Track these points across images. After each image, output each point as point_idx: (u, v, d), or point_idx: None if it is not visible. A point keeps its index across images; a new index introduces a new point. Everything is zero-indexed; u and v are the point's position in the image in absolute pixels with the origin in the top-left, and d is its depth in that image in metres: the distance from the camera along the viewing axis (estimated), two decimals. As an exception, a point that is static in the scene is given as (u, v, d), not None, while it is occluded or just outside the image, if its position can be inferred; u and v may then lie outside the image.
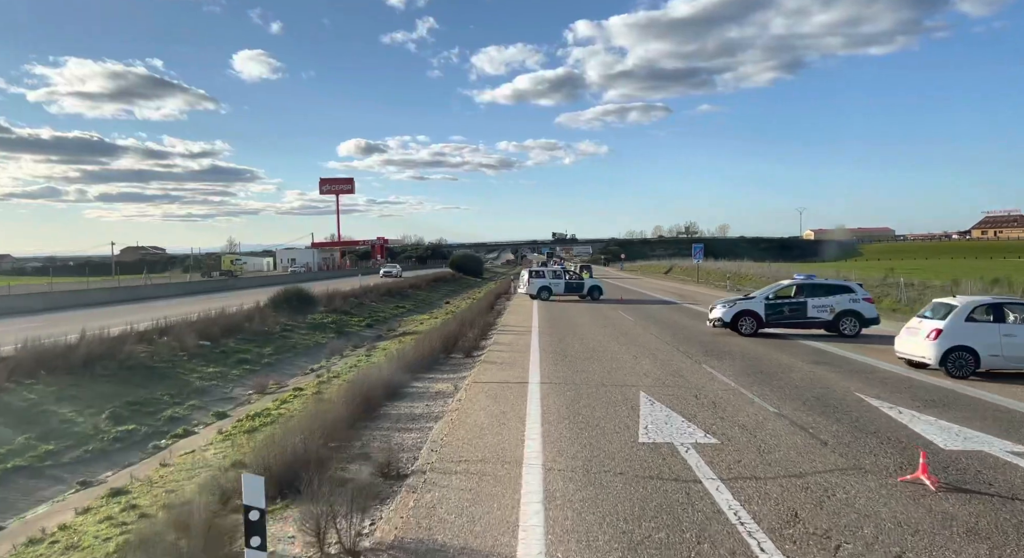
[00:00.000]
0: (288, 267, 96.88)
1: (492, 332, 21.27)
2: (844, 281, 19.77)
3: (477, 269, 79.40)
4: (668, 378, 12.41)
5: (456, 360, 15.98)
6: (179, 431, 11.92)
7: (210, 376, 16.55)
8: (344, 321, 28.59)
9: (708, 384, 11.79)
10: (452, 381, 13.17)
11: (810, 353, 15.57)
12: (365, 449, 8.51)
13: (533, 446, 8.06)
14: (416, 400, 11.54)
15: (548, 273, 35.18)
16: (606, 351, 16.10)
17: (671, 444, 8.02)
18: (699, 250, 54.53)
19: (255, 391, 15.47)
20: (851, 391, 11.07)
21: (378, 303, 37.70)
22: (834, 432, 8.53)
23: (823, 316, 18.10)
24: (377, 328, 28.56)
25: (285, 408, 12.38)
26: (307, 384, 15.37)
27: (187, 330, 19.89)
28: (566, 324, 22.63)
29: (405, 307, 38.50)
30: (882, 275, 39.55)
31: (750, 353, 15.54)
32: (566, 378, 12.53)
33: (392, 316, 33.92)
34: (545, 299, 34.04)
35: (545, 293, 34.25)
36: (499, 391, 11.50)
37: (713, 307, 19.39)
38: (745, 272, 59.67)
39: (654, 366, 13.76)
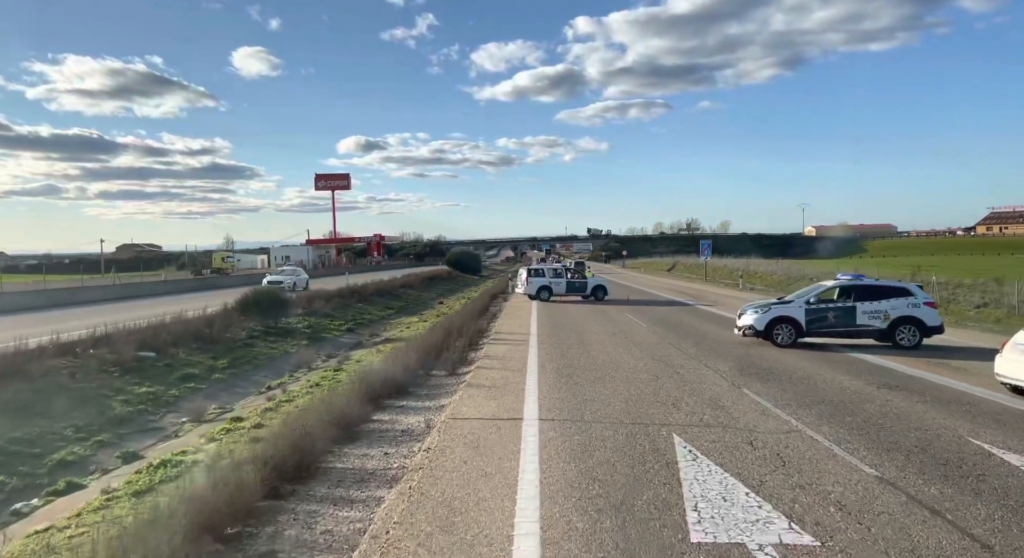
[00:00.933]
0: (281, 265, 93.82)
1: (484, 341, 18.30)
2: (900, 282, 16.76)
3: (475, 266, 76.33)
4: (705, 411, 9.43)
5: (437, 380, 13.01)
6: (60, 485, 8.94)
7: (140, 399, 13.56)
8: (322, 325, 25.60)
9: (760, 422, 8.82)
10: (426, 412, 10.21)
11: (872, 372, 12.58)
12: (273, 544, 5.56)
13: (527, 549, 5.10)
14: (374, 444, 8.58)
15: (548, 271, 32.18)
16: (619, 368, 13.12)
17: (744, 548, 5.05)
18: (707, 247, 51.54)
19: (190, 419, 12.50)
20: (962, 436, 8.09)
21: (365, 304, 34.72)
22: (984, 518, 5.57)
23: (875, 324, 15.13)
24: (358, 333, 25.57)
25: (207, 450, 9.42)
26: (252, 411, 12.40)
27: (128, 339, 16.92)
28: (569, 331, 19.65)
29: (394, 308, 35.50)
30: (907, 272, 36.54)
31: (797, 372, 12.56)
32: (573, 411, 9.56)
33: (378, 318, 30.93)
34: (545, 300, 31.07)
35: (545, 293, 31.27)
36: (483, 434, 8.52)
37: (742, 312, 16.40)
38: (753, 269, 56.78)
39: (683, 391, 10.79)
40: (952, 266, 56.62)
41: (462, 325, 19.91)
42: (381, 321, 30.16)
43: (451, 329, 19.01)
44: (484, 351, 16.19)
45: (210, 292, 42.50)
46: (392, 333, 24.97)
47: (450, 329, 19.05)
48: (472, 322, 21.32)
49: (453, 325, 19.93)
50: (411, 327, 25.86)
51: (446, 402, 10.81)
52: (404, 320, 30.26)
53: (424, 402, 11.04)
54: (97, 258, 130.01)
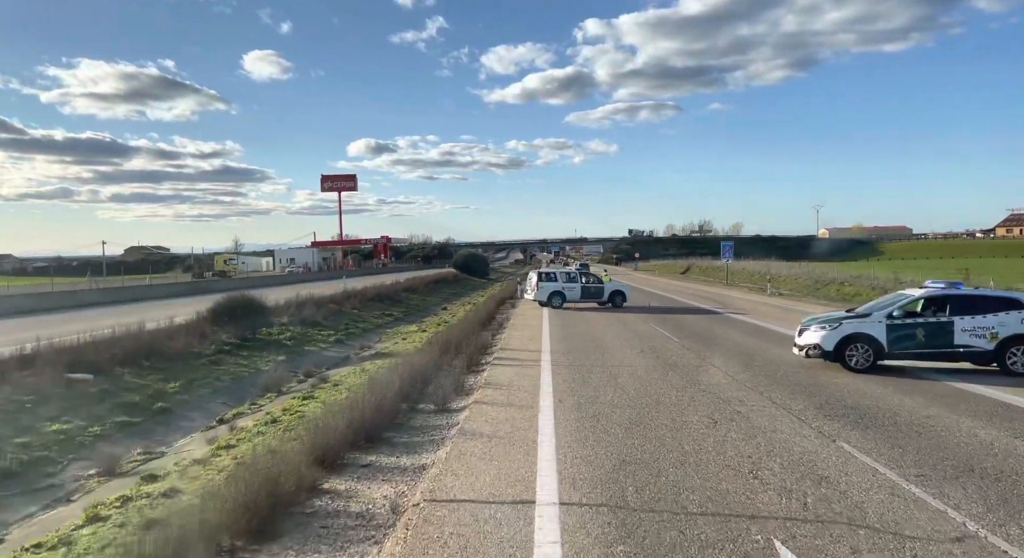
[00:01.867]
0: (286, 267, 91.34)
1: (487, 359, 15.26)
2: (1009, 293, 13.51)
3: (482, 269, 73.28)
4: (805, 488, 6.31)
5: (422, 419, 9.96)
6: None
7: (46, 440, 10.60)
8: (307, 336, 22.63)
9: (899, 512, 5.70)
10: (397, 479, 7.17)
11: (998, 413, 9.40)
12: None
13: None
14: (308, 544, 5.54)
15: (560, 275, 29.08)
16: (660, 405, 10.02)
17: None
18: (728, 248, 48.22)
19: (99, 472, 9.51)
20: None
21: (362, 310, 31.76)
22: None
23: (979, 344, 11.93)
24: (348, 344, 22.59)
25: (71, 540, 6.42)
26: (180, 462, 9.41)
27: (59, 358, 13.99)
28: (588, 346, 16.57)
29: (393, 315, 32.51)
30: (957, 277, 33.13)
31: (900, 413, 9.40)
32: (608, 486, 6.46)
33: (375, 327, 27.95)
34: (557, 307, 27.99)
35: (557, 300, 28.18)
36: (473, 538, 5.43)
37: (804, 328, 13.22)
38: (775, 272, 53.45)
39: (756, 447, 7.68)
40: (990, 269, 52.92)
41: (463, 338, 16.90)
42: (376, 330, 27.18)
43: (450, 343, 16.00)
44: (486, 375, 13.13)
45: (201, 297, 39.53)
46: (386, 345, 21.99)
47: (448, 343, 16.04)
48: (475, 334, 18.28)
49: (453, 338, 16.91)
50: (408, 338, 22.86)
51: (428, 460, 7.76)
52: (402, 329, 27.27)
53: (399, 457, 7.99)
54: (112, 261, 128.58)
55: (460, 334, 17.91)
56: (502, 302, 33.67)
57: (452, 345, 15.61)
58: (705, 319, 23.26)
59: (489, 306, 29.33)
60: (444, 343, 15.98)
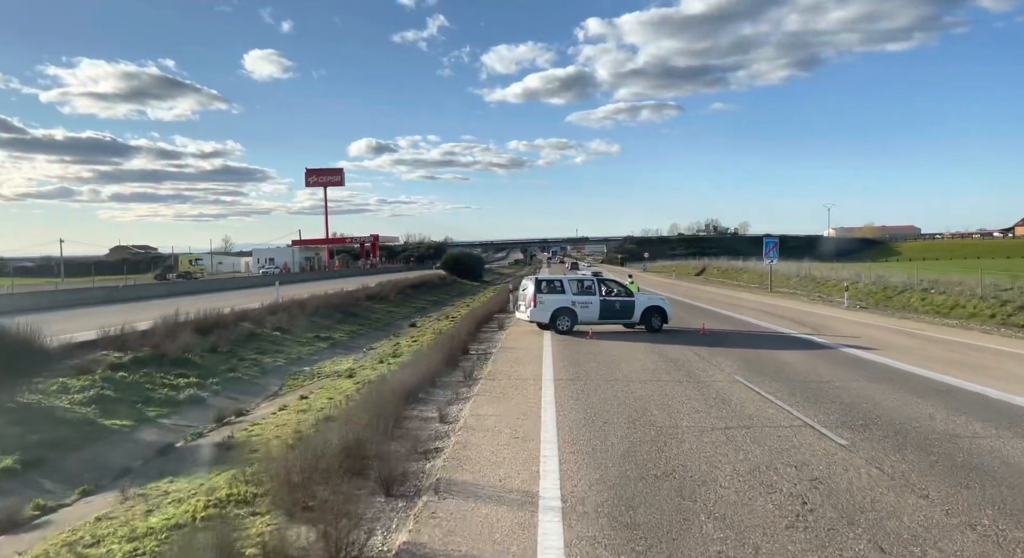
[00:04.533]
0: (262, 268, 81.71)
1: (428, 467, 5.49)
2: None
3: (475, 270, 63.37)
4: None
5: None
6: None
7: None
8: (134, 391, 12.82)
9: None
10: None
11: None
12: None
13: None
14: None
15: (569, 285, 19.08)
16: None
17: None
18: (772, 246, 38.15)
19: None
20: None
21: (290, 331, 22.04)
22: None
23: None
24: (205, 406, 12.82)
25: None
26: None
27: None
28: (650, 461, 6.84)
29: (333, 338, 22.73)
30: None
31: None
32: None
33: (290, 362, 18.22)
34: (565, 331, 18.21)
35: (565, 321, 18.34)
36: None
37: None
38: (820, 275, 43.69)
39: None
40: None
41: (395, 411, 7.24)
42: (290, 367, 17.46)
43: (375, 419, 6.29)
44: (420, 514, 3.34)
45: (124, 305, 29.24)
46: (273, 409, 12.28)
47: (376, 417, 6.31)
48: (428, 387, 8.48)
49: (384, 406, 7.15)
50: (310, 398, 13.08)
51: None
52: (327, 366, 17.54)
53: None
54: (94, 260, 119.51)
55: (393, 403, 8.31)
56: (489, 318, 23.90)
57: (377, 424, 5.92)
58: (821, 362, 13.42)
59: (468, 327, 19.50)
60: (356, 418, 6.24)
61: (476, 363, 14.01)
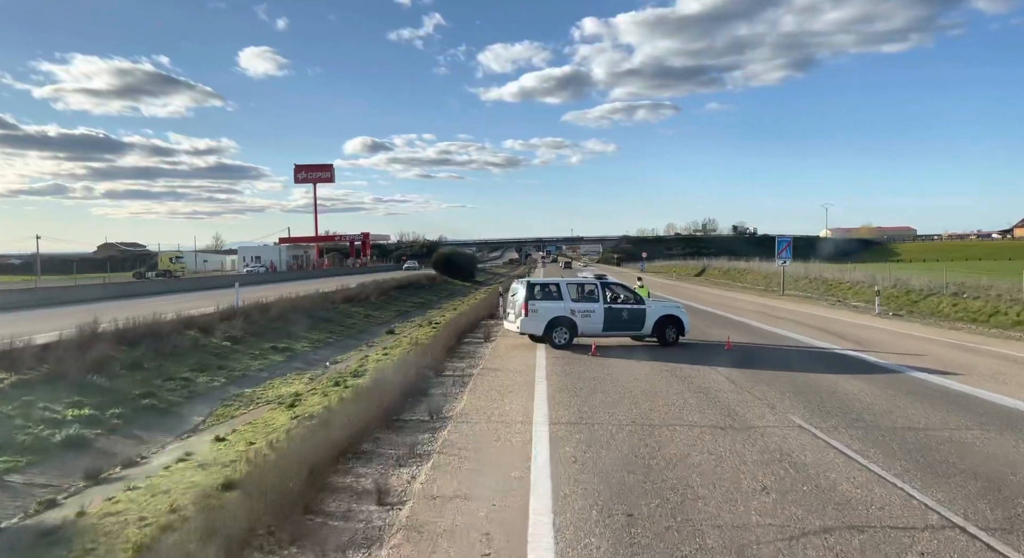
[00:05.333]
0: (246, 266, 78.35)
1: None
2: None
3: (468, 269, 60.12)
4: None
5: None
6: None
7: None
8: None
9: None
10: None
11: None
12: None
13: None
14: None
15: (567, 290, 15.67)
16: None
17: None
18: (785, 246, 35.00)
19: None
20: None
21: (242, 340, 18.86)
22: None
23: None
24: (66, 460, 9.60)
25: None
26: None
27: None
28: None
29: (294, 348, 19.53)
30: None
31: None
32: None
33: (229, 381, 15.01)
34: (562, 346, 15.02)
35: (563, 334, 15.13)
36: None
37: None
38: (831, 277, 40.70)
39: None
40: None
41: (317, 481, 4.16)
42: (224, 388, 14.24)
43: None
44: None
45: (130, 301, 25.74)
46: (174, 457, 9.08)
47: None
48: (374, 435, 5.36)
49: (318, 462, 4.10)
50: (228, 440, 9.87)
51: None
52: (274, 388, 14.35)
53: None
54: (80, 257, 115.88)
55: (319, 458, 5.25)
56: (474, 326, 20.74)
57: None
58: (898, 395, 10.25)
59: (448, 337, 16.31)
60: None
61: (449, 391, 10.85)
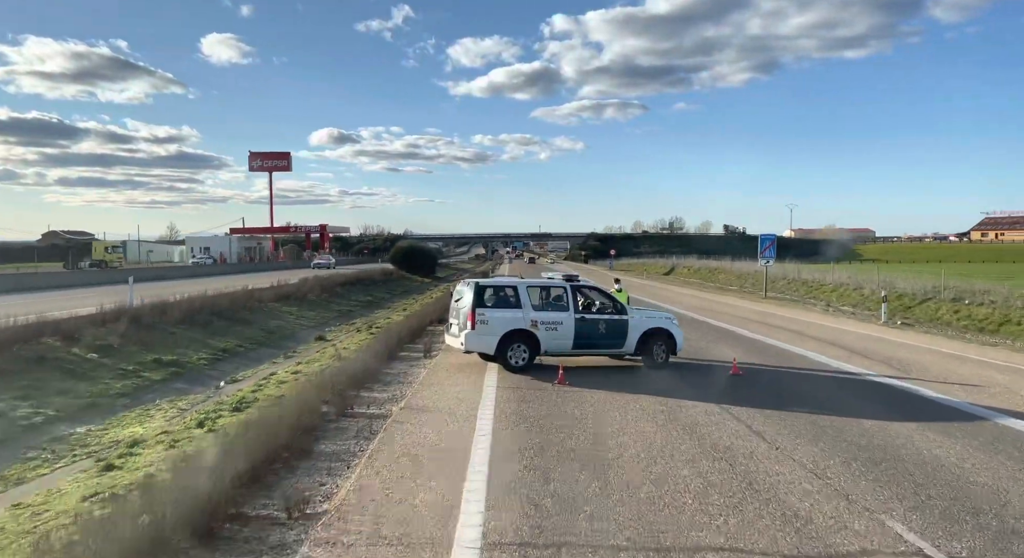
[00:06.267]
0: (193, 258, 72.98)
1: None
2: None
3: (427, 265, 56.09)
4: None
5: None
6: None
7: None
8: None
9: None
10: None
11: None
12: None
13: None
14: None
15: (526, 294, 11.80)
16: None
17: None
18: (769, 244, 31.94)
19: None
20: None
21: (118, 350, 14.75)
22: None
23: None
24: None
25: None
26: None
27: None
28: None
29: (185, 362, 15.40)
30: None
31: None
32: None
33: (63, 414, 10.93)
34: (518, 369, 11.31)
35: (520, 353, 11.38)
36: None
37: None
38: (811, 278, 38.00)
39: None
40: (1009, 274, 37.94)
41: None
42: (50, 426, 10.17)
43: None
44: None
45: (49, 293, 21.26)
46: None
47: None
48: None
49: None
50: None
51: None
52: (119, 426, 10.33)
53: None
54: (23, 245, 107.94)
55: None
56: (416, 334, 16.91)
57: None
58: (1013, 464, 6.91)
59: (358, 367, 12.30)
60: None
61: (341, 452, 7.07)
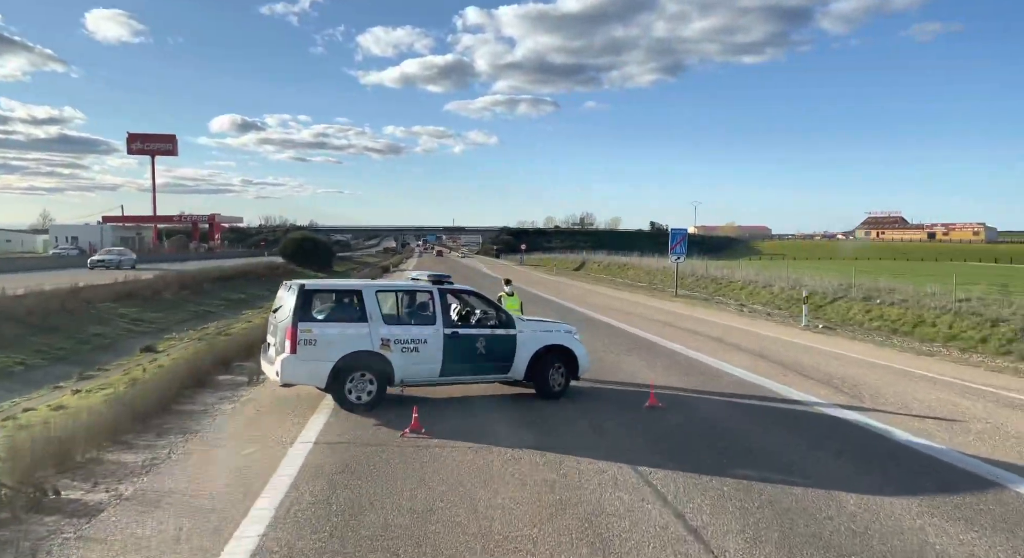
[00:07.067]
0: (55, 248, 64.40)
1: None
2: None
3: (323, 258, 51.43)
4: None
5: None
6: None
7: None
8: None
9: None
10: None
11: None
12: None
13: None
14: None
15: (373, 302, 8.32)
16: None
17: None
18: (680, 239, 29.97)
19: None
20: None
21: None
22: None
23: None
24: None
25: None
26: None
27: None
28: None
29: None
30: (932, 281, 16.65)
31: None
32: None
33: None
34: (362, 406, 8.03)
35: (363, 387, 8.02)
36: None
37: None
38: (713, 273, 36.76)
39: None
40: (909, 272, 39.03)
41: None
42: None
43: None
44: None
45: None
46: None
47: None
48: None
49: None
50: None
51: None
52: None
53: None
54: None
55: None
56: (255, 348, 13.22)
57: None
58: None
59: (131, 407, 8.47)
60: None
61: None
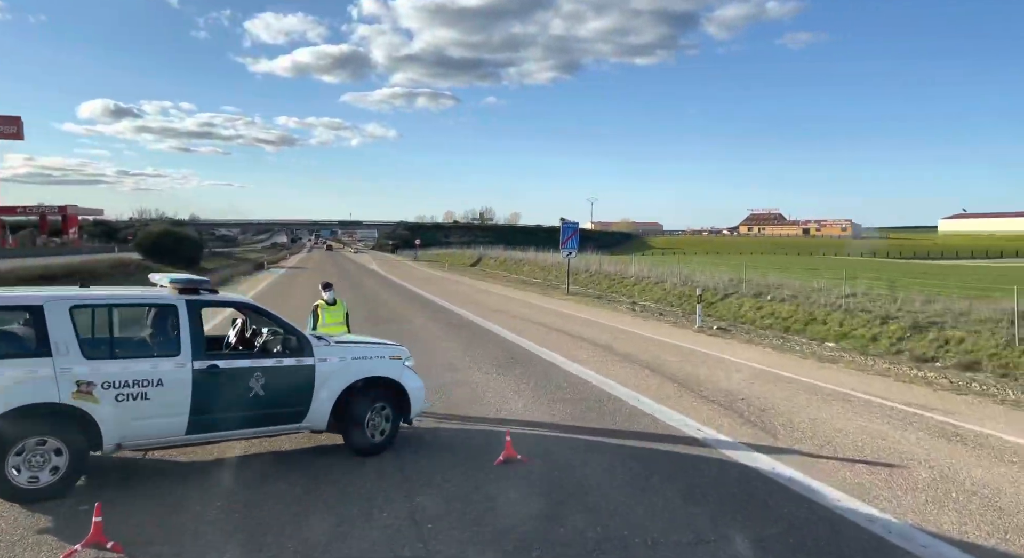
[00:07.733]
0: None
1: None
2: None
3: (188, 254, 45.77)
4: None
5: None
6: None
7: None
8: None
9: None
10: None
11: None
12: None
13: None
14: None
15: (68, 321, 4.96)
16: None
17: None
18: (572, 233, 27.96)
19: None
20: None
21: None
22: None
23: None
24: None
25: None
26: None
27: None
28: None
29: None
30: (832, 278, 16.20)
31: None
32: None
33: None
34: (43, 494, 4.86)
35: (39, 463, 4.70)
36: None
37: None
38: (607, 269, 35.27)
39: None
40: (792, 266, 40.01)
41: None
42: None
43: None
44: None
45: None
46: None
47: None
48: None
49: None
50: None
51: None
52: None
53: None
54: None
55: None
56: None
57: None
58: None
59: None
60: None
61: None
